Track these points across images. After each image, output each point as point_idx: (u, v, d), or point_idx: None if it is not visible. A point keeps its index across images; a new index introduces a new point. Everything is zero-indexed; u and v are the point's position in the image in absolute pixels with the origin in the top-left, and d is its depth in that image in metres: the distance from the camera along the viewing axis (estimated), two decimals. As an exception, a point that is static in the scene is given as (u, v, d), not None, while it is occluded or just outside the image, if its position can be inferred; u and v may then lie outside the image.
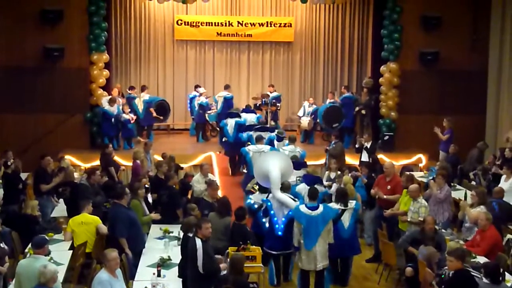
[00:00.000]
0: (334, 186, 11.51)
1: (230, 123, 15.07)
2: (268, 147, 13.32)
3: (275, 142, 13.90)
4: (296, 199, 10.12)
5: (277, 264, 9.96)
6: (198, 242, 7.72)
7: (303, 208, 9.16)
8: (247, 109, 16.51)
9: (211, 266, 7.72)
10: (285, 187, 10.19)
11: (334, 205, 9.74)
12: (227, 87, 17.93)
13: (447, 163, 13.11)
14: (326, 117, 16.55)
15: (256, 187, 11.29)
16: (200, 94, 17.63)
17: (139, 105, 16.90)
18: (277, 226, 9.76)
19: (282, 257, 9.96)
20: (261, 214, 10.15)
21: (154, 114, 17.06)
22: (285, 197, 9.91)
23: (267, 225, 10.01)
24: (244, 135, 14.45)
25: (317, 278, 9.26)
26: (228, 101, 17.39)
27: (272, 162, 10.38)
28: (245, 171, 13.92)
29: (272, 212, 9.84)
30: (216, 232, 8.72)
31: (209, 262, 7.67)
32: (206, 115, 17.52)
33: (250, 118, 15.53)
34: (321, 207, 9.17)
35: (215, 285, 7.73)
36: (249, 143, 13.94)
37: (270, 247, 9.75)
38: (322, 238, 9.02)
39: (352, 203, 9.79)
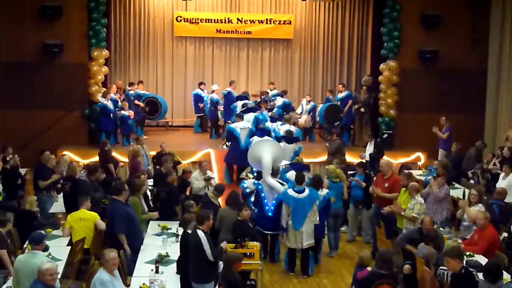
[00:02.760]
0: None
1: (239, 105, 15.87)
2: (249, 123, 14.46)
3: (269, 123, 14.86)
4: (285, 183, 10.93)
5: (263, 242, 10.34)
6: (201, 234, 7.81)
7: (291, 191, 10.05)
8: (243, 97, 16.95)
9: (218, 251, 7.94)
10: (274, 172, 11.07)
11: None
12: (231, 83, 17.99)
13: (448, 162, 13.11)
14: (327, 115, 16.53)
15: (250, 175, 12.15)
16: (213, 91, 17.65)
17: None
18: (267, 207, 10.53)
19: (270, 237, 10.65)
20: (251, 200, 10.88)
21: (142, 105, 17.06)
22: (275, 182, 10.77)
23: (256, 210, 10.69)
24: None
25: (303, 256, 10.16)
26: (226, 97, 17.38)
27: (265, 150, 11.39)
28: (224, 147, 15.20)
29: (262, 194, 10.63)
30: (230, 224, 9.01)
31: (214, 248, 7.85)
32: (219, 112, 17.53)
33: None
34: (307, 190, 10.03)
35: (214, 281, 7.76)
36: (229, 122, 15.42)
37: (261, 226, 10.38)
38: (308, 219, 9.93)
39: (323, 191, 10.41)
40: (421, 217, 9.59)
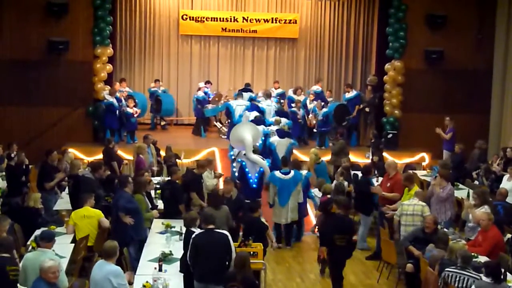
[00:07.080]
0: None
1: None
2: (248, 102, 16.17)
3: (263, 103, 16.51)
4: (264, 159, 12.75)
5: None
6: (228, 233, 7.86)
7: (277, 173, 11.53)
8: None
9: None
10: (255, 150, 12.63)
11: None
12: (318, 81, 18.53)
13: (449, 162, 13.08)
14: (336, 115, 16.45)
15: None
16: (199, 89, 17.65)
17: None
18: (251, 180, 12.15)
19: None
20: (234, 166, 12.90)
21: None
22: (257, 157, 12.40)
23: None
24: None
25: (287, 229, 11.63)
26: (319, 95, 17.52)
27: (245, 131, 12.83)
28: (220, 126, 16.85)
29: (246, 169, 12.20)
30: (220, 223, 8.85)
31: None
32: (204, 110, 17.47)
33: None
34: (292, 172, 11.48)
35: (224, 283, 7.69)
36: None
37: (247, 196, 11.19)
38: (293, 197, 11.39)
39: (303, 172, 11.99)
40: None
